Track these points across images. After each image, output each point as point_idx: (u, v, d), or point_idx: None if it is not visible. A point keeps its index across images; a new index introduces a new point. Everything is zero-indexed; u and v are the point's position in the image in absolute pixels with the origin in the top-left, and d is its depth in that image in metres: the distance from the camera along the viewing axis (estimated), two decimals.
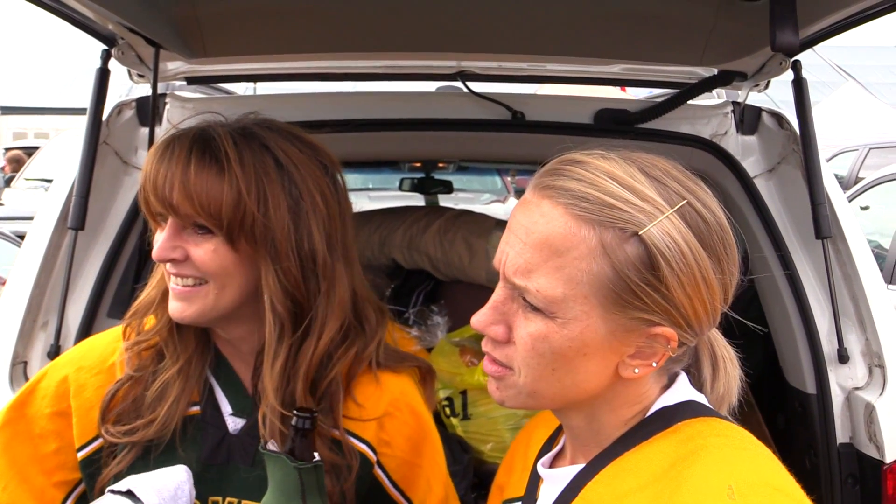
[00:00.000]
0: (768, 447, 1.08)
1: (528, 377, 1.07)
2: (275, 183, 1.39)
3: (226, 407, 1.49)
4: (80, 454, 1.48)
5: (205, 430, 1.47)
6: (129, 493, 1.23)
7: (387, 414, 1.49)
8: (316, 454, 1.27)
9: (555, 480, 1.17)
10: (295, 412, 1.26)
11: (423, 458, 1.55)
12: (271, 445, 1.29)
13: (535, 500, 1.21)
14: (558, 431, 1.25)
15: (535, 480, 1.24)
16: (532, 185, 1.09)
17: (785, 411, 2.32)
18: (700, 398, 1.13)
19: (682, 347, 1.08)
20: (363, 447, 1.49)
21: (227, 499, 1.45)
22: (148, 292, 1.51)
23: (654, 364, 1.07)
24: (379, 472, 1.51)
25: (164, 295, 1.46)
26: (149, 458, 1.44)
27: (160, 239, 1.39)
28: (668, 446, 1.06)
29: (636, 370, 1.07)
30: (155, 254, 1.39)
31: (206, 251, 1.38)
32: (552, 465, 1.23)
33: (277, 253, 1.39)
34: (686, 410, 1.10)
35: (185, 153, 1.37)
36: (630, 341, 1.05)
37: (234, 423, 1.48)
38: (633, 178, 1.04)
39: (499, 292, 1.09)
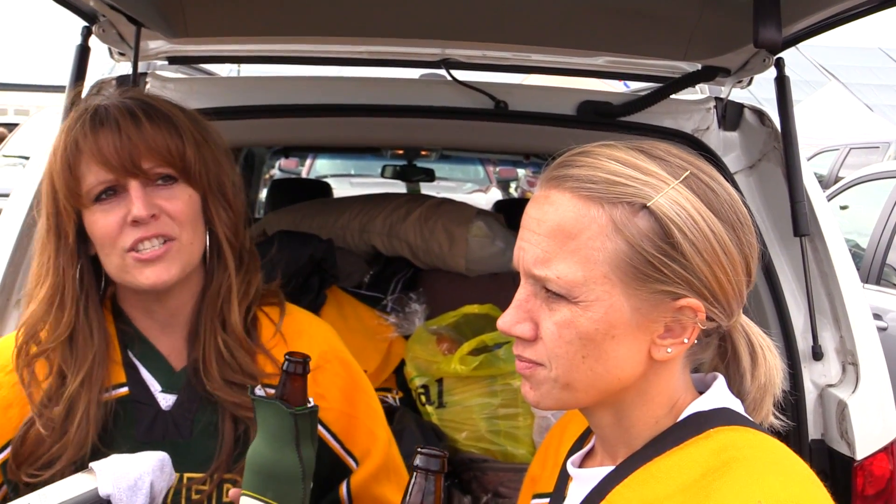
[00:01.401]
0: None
1: (559, 368, 1.06)
2: (204, 130, 1.51)
3: (154, 385, 1.50)
4: None
5: (137, 410, 1.47)
6: (90, 471, 1.23)
7: (318, 367, 1.47)
8: (311, 399, 1.26)
9: (583, 481, 1.16)
10: (287, 356, 1.25)
11: (358, 409, 1.57)
12: (259, 391, 1.27)
13: (564, 499, 1.20)
14: (589, 431, 1.24)
15: (564, 478, 1.23)
16: (540, 181, 1.11)
17: (774, 407, 2.33)
18: (736, 405, 1.11)
19: (712, 323, 1.07)
20: None
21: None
22: (39, 299, 1.48)
23: (686, 340, 1.05)
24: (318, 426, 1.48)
25: (62, 300, 1.45)
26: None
27: (135, 200, 1.40)
28: (700, 455, 1.04)
29: (668, 349, 1.05)
30: (138, 212, 1.39)
31: (181, 200, 1.44)
32: (582, 464, 1.21)
33: (225, 192, 1.50)
34: (719, 417, 1.08)
35: (129, 115, 1.43)
36: (657, 318, 1.04)
37: (165, 400, 1.49)
38: (635, 158, 1.06)
39: (521, 291, 1.09)
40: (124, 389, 1.48)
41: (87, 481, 1.22)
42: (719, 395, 1.11)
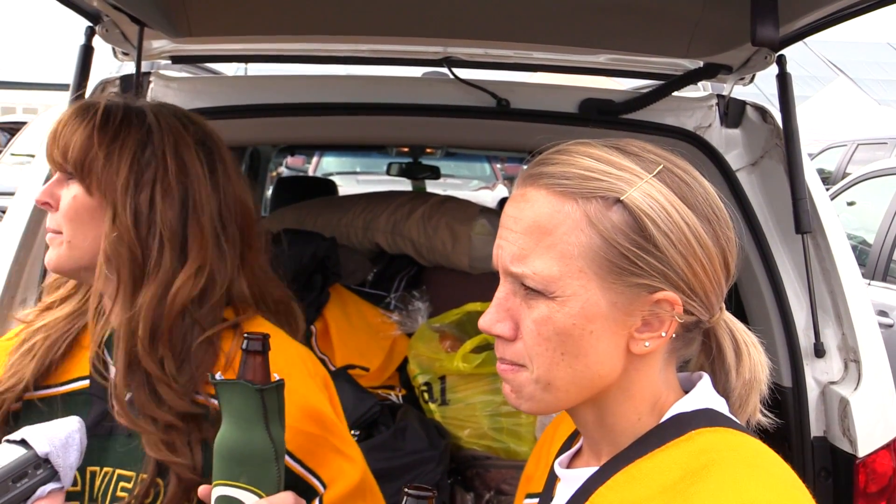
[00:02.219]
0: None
1: (539, 367, 1.06)
2: (129, 134, 1.48)
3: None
4: None
5: (91, 403, 1.48)
6: (22, 442, 1.24)
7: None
8: (275, 374, 1.23)
9: (570, 481, 1.16)
10: (245, 335, 1.22)
11: (325, 429, 1.49)
12: (220, 376, 1.23)
13: (552, 499, 1.20)
14: (578, 431, 1.23)
15: (552, 478, 1.23)
16: (518, 180, 1.11)
17: (760, 404, 2.33)
18: (719, 404, 1.11)
19: (690, 317, 1.07)
20: None
21: (104, 469, 1.45)
22: None
23: (664, 334, 1.05)
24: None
25: None
26: (11, 422, 1.47)
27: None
28: (680, 456, 1.04)
29: (647, 343, 1.05)
30: (37, 195, 1.48)
31: (66, 197, 1.46)
32: (570, 464, 1.21)
33: (115, 205, 1.45)
34: (702, 418, 1.07)
35: (69, 113, 1.49)
36: (634, 311, 1.04)
37: None
38: (609, 154, 1.06)
39: (500, 290, 1.09)
40: (85, 382, 1.49)
41: (16, 449, 1.23)
42: (703, 394, 1.11)
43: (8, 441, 1.25)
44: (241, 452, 1.19)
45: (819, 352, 2.14)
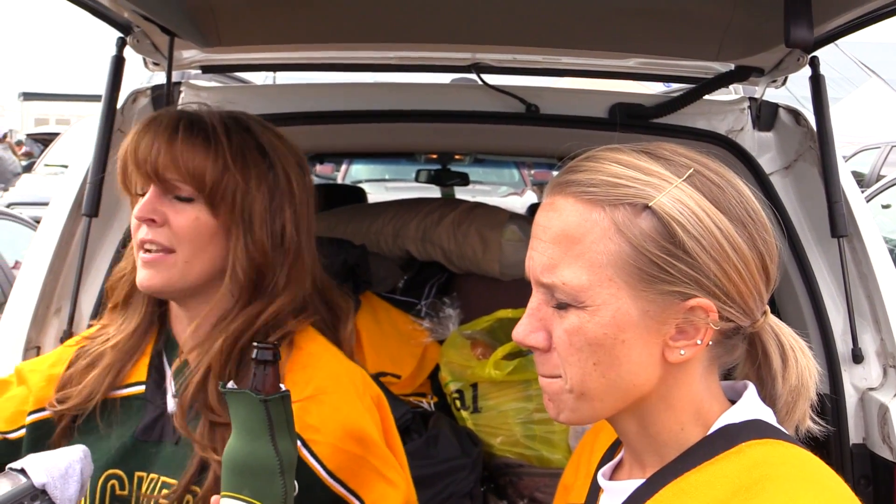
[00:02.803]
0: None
1: (573, 378, 1.05)
2: (257, 160, 1.51)
3: (171, 388, 1.52)
4: (30, 418, 1.55)
5: (144, 408, 1.51)
6: (22, 471, 1.24)
7: (311, 397, 1.43)
8: (282, 385, 1.21)
9: (614, 494, 1.14)
10: (255, 344, 1.21)
11: (367, 451, 1.48)
12: (230, 385, 1.22)
13: None
14: (620, 441, 1.22)
15: (595, 490, 1.21)
16: (547, 189, 1.11)
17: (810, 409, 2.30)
18: (768, 415, 1.09)
19: (728, 324, 1.05)
20: None
21: (150, 475, 1.48)
22: (121, 266, 1.62)
23: (699, 342, 1.03)
24: (308, 457, 1.42)
25: (130, 273, 1.56)
26: (73, 430, 1.51)
27: (142, 201, 1.46)
28: (732, 471, 1.02)
29: (682, 352, 1.03)
30: (137, 212, 1.45)
31: (186, 218, 1.46)
32: (613, 475, 1.20)
33: (251, 225, 1.49)
34: (751, 430, 1.05)
35: (171, 125, 1.47)
36: (667, 319, 1.02)
37: (173, 404, 1.51)
38: (638, 159, 1.05)
39: (533, 300, 1.08)
40: (141, 388, 1.53)
41: (15, 478, 1.23)
42: (750, 404, 1.09)
43: (10, 469, 1.25)
44: (244, 464, 1.17)
45: (857, 357, 2.10)
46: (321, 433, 1.44)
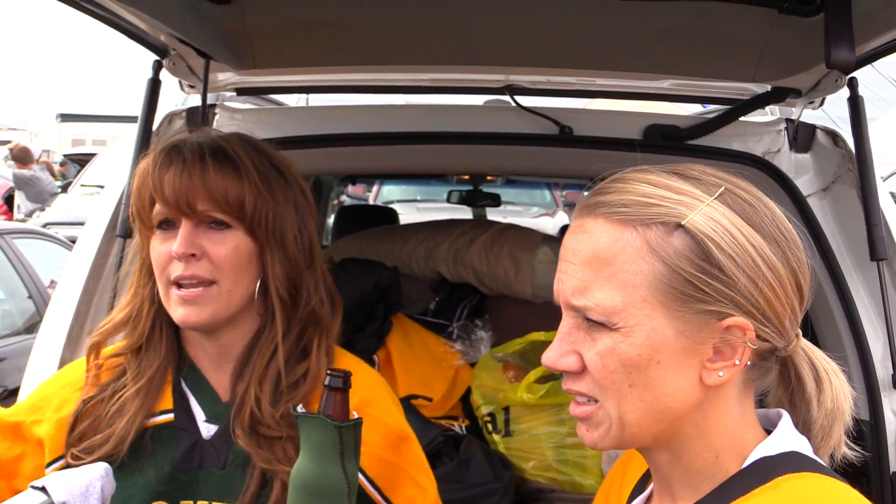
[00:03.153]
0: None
1: (610, 402, 1.03)
2: (277, 179, 1.52)
3: (200, 414, 1.52)
4: (49, 469, 1.51)
5: (178, 437, 1.50)
6: (43, 489, 1.24)
7: (356, 410, 1.46)
8: (354, 413, 1.26)
9: None
10: (328, 372, 1.26)
11: (401, 457, 1.54)
12: (301, 408, 1.27)
13: None
14: (650, 473, 1.19)
15: None
16: (575, 211, 1.09)
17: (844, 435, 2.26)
18: (803, 445, 1.06)
19: (764, 344, 1.03)
20: None
21: (199, 502, 1.47)
22: (121, 309, 1.57)
23: (737, 362, 1.02)
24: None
25: (139, 312, 1.53)
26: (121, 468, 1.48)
27: (179, 238, 1.44)
28: None
29: (721, 373, 1.01)
30: (177, 249, 1.43)
31: (227, 247, 1.46)
32: None
33: (284, 242, 1.50)
34: (788, 463, 1.03)
35: (197, 155, 1.46)
36: (704, 340, 1.01)
37: (207, 430, 1.51)
38: (668, 179, 1.04)
39: (563, 324, 1.07)
40: (169, 416, 1.52)
41: (36, 496, 1.23)
42: (786, 435, 1.06)
43: (32, 486, 1.25)
44: (314, 485, 1.22)
45: None
46: (365, 444, 1.44)
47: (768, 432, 1.07)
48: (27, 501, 1.22)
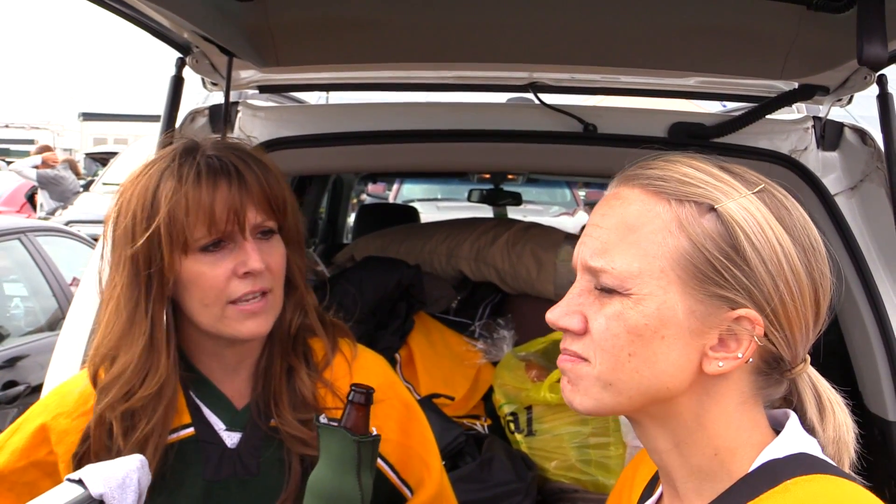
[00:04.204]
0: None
1: (603, 364, 1.02)
2: (284, 180, 1.54)
3: (218, 424, 1.51)
4: None
5: (203, 450, 1.49)
6: (80, 482, 1.23)
7: (376, 400, 1.45)
8: (373, 429, 1.31)
9: None
10: (352, 387, 1.31)
11: (412, 439, 1.60)
12: (323, 419, 1.32)
13: None
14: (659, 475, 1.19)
15: None
16: (613, 181, 1.10)
17: (864, 438, 2.22)
18: (812, 446, 1.05)
19: (770, 346, 1.02)
20: None
21: None
22: (133, 349, 1.46)
23: (740, 356, 1.01)
24: (378, 459, 1.47)
25: (159, 346, 1.45)
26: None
27: (251, 254, 1.42)
28: None
29: (720, 364, 1.01)
30: (255, 265, 1.42)
31: (279, 254, 1.48)
32: None
33: (301, 237, 1.55)
34: (797, 465, 1.01)
35: (233, 167, 1.44)
36: (712, 325, 1.01)
37: (230, 439, 1.51)
38: (712, 167, 1.05)
39: (575, 285, 1.07)
40: (190, 430, 1.50)
41: (73, 489, 1.22)
42: (794, 436, 1.05)
43: (69, 479, 1.25)
44: (330, 495, 1.28)
45: None
46: (384, 431, 1.45)
47: (777, 433, 1.06)
48: (64, 494, 1.21)
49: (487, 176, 5.50)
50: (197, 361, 1.53)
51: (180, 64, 2.10)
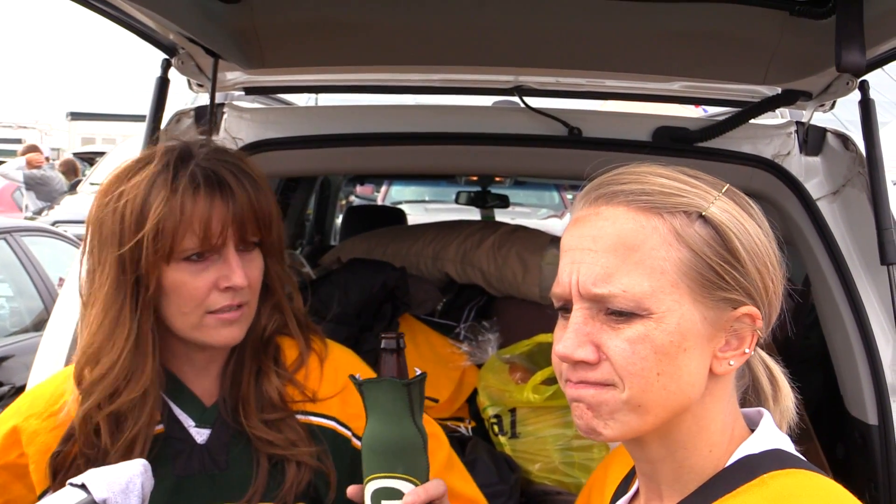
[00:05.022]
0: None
1: (633, 388, 1.01)
2: (271, 194, 1.55)
3: (187, 421, 1.53)
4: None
5: (172, 446, 1.50)
6: (83, 486, 1.23)
7: (347, 388, 1.48)
8: (416, 369, 1.29)
9: None
10: (382, 336, 1.30)
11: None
12: (359, 376, 1.30)
13: None
14: (633, 473, 1.20)
15: None
16: (582, 202, 1.08)
17: (845, 442, 2.25)
18: (786, 443, 1.08)
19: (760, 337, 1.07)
20: (330, 423, 1.56)
21: None
22: (117, 353, 1.46)
23: (747, 350, 1.05)
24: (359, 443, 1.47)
25: (146, 349, 1.46)
26: None
27: (231, 268, 1.45)
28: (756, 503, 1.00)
29: (731, 362, 1.04)
30: (239, 281, 1.44)
31: (258, 268, 1.50)
32: None
33: (281, 250, 1.56)
34: (772, 460, 1.04)
35: (222, 180, 1.46)
36: (721, 328, 1.03)
37: (200, 435, 1.52)
38: (677, 173, 1.08)
39: (577, 315, 1.04)
40: (159, 427, 1.51)
41: (75, 493, 1.22)
42: (769, 432, 1.08)
43: (71, 484, 1.24)
44: (396, 445, 1.25)
45: None
46: (362, 419, 1.43)
47: (751, 431, 1.09)
48: (66, 499, 1.21)
49: (475, 178, 5.52)
50: (167, 361, 1.54)
51: (166, 65, 2.10)
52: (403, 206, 7.30)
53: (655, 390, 1.01)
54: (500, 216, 5.60)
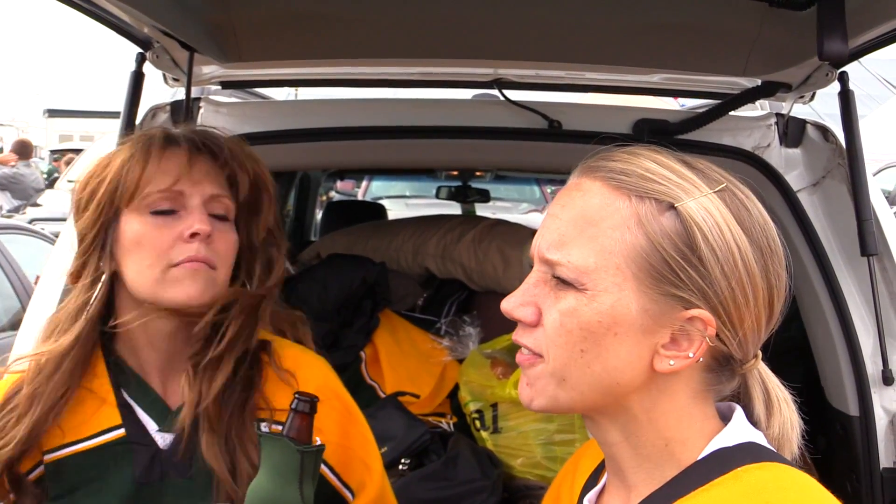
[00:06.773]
0: (808, 471, 1.02)
1: (556, 360, 1.03)
2: (264, 178, 1.55)
3: (150, 425, 1.48)
4: None
5: (134, 451, 1.46)
6: None
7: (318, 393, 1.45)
8: (317, 439, 1.28)
9: None
10: (296, 395, 1.27)
11: (353, 441, 1.56)
12: (265, 428, 1.30)
13: None
14: (602, 466, 1.19)
15: None
16: (574, 172, 1.09)
17: (826, 433, 2.25)
18: (759, 437, 1.06)
19: (721, 346, 1.03)
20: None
21: None
22: (77, 297, 1.49)
23: (691, 355, 1.01)
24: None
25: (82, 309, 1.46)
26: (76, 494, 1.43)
27: (194, 217, 1.43)
28: (730, 497, 0.99)
29: (671, 362, 1.01)
30: (201, 226, 1.42)
31: (230, 238, 1.48)
32: (598, 501, 1.17)
33: (261, 243, 1.55)
34: (745, 453, 1.03)
35: (204, 143, 1.49)
36: (664, 324, 1.01)
37: (163, 440, 1.47)
38: (674, 163, 1.05)
39: (532, 276, 1.07)
40: (120, 431, 1.46)
41: None
42: (741, 427, 1.06)
43: None
44: None
45: (888, 379, 2.05)
46: (324, 433, 1.43)
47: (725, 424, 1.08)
48: None
49: (456, 173, 5.50)
50: (129, 357, 1.50)
51: (140, 59, 2.08)
52: (384, 202, 7.27)
53: (578, 366, 1.02)
54: (481, 211, 5.59)
